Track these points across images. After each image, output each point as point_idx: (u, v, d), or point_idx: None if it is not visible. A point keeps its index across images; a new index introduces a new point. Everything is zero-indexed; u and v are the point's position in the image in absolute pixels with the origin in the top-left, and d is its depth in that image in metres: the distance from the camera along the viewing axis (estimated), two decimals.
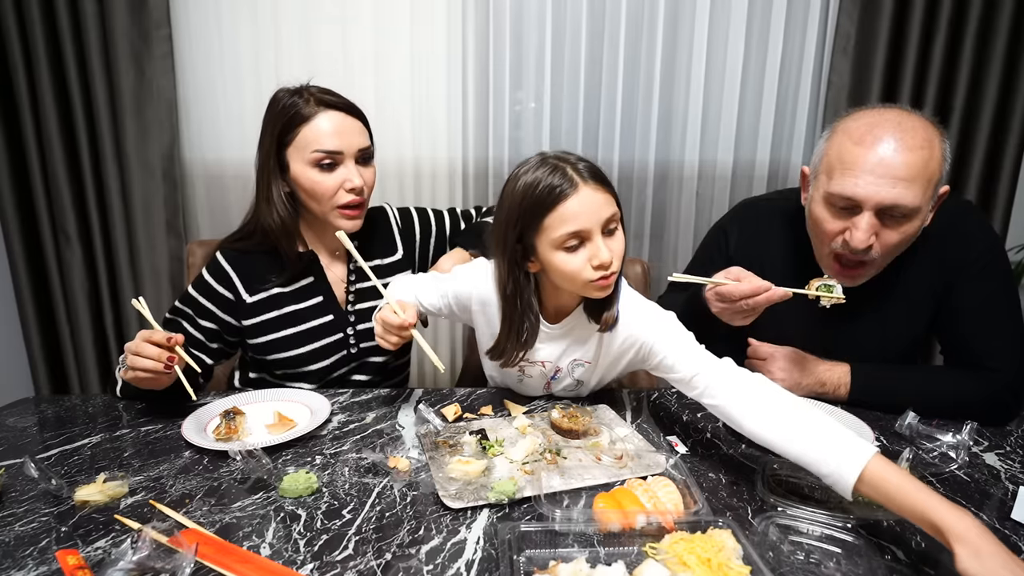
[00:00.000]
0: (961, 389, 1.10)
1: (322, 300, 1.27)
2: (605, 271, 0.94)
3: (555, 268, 0.96)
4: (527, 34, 2.04)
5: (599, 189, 0.94)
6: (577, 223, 0.92)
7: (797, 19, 2.03)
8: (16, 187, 2.03)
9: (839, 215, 1.03)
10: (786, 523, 0.75)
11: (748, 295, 1.01)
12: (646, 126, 2.11)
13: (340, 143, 1.16)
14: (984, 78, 1.93)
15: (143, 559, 0.65)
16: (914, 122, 0.99)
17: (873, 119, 1.00)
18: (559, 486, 0.84)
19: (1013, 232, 2.08)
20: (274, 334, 1.24)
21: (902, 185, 0.96)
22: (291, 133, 1.16)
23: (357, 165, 1.20)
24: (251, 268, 1.24)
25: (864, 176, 0.97)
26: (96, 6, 1.87)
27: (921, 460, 0.94)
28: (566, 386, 1.16)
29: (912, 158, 0.96)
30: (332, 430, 1.04)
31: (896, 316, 1.16)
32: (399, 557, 0.70)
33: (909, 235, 1.02)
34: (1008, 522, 0.78)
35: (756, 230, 1.28)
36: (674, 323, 1.02)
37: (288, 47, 2.00)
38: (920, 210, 0.99)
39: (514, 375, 1.16)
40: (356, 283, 1.31)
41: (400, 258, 1.37)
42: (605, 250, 0.93)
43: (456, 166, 2.11)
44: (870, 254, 1.02)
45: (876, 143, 0.97)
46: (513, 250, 0.98)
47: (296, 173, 1.17)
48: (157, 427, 1.04)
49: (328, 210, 1.20)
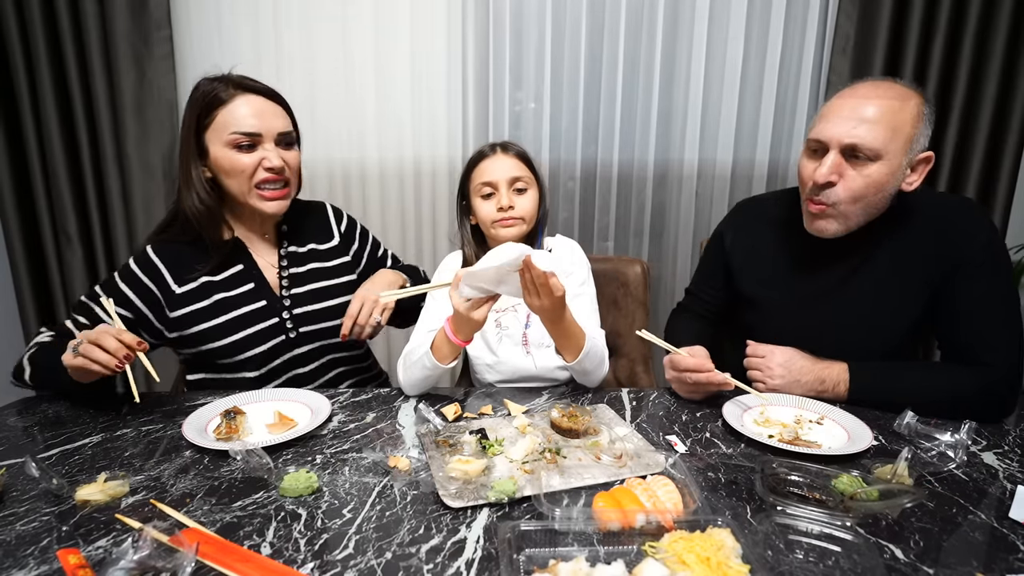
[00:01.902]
0: (957, 384, 1.10)
1: (253, 286, 1.27)
2: (505, 213, 1.26)
3: (477, 213, 1.32)
4: (527, 34, 2.05)
5: (509, 156, 1.30)
6: (488, 176, 1.28)
7: (796, 19, 2.03)
8: (17, 187, 2.03)
9: (813, 158, 1.13)
10: (785, 522, 0.75)
11: (692, 369, 1.12)
12: (646, 125, 2.11)
13: (258, 125, 1.18)
14: (983, 78, 1.93)
15: (144, 558, 0.65)
16: (892, 82, 1.09)
17: (860, 82, 1.12)
18: (559, 485, 0.84)
19: (1012, 231, 2.08)
20: (206, 323, 1.23)
21: (864, 127, 1.04)
22: (209, 116, 1.18)
23: (278, 148, 1.21)
24: (178, 258, 1.23)
25: (833, 119, 1.08)
26: (97, 7, 1.88)
27: (920, 459, 0.94)
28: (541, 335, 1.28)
29: (880, 104, 1.05)
30: (332, 430, 1.04)
31: (889, 303, 1.17)
32: (399, 556, 0.71)
33: (874, 180, 1.07)
34: (1006, 521, 0.78)
35: (750, 228, 1.34)
36: (588, 271, 1.37)
37: (288, 47, 2.00)
38: (883, 154, 1.05)
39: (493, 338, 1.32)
40: (289, 268, 1.32)
41: (337, 244, 1.40)
42: (506, 197, 1.26)
43: (456, 166, 2.12)
44: (831, 194, 1.09)
45: (852, 94, 1.09)
46: (460, 206, 1.38)
47: (215, 155, 1.19)
48: (158, 427, 1.04)
49: (247, 190, 1.20)
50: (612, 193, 2.18)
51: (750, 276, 1.31)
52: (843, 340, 1.19)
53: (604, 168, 2.15)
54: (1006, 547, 0.73)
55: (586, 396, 1.20)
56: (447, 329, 1.12)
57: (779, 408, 1.11)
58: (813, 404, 1.11)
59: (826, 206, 1.11)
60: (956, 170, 2.01)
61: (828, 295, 1.21)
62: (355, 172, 2.13)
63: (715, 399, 1.15)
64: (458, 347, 1.14)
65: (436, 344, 1.15)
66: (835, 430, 1.03)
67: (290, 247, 1.34)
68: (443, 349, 1.14)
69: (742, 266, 1.32)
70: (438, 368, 1.14)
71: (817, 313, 1.21)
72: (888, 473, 0.86)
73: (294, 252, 1.34)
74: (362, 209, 2.16)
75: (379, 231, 2.18)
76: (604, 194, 2.18)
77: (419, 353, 1.16)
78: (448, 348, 1.14)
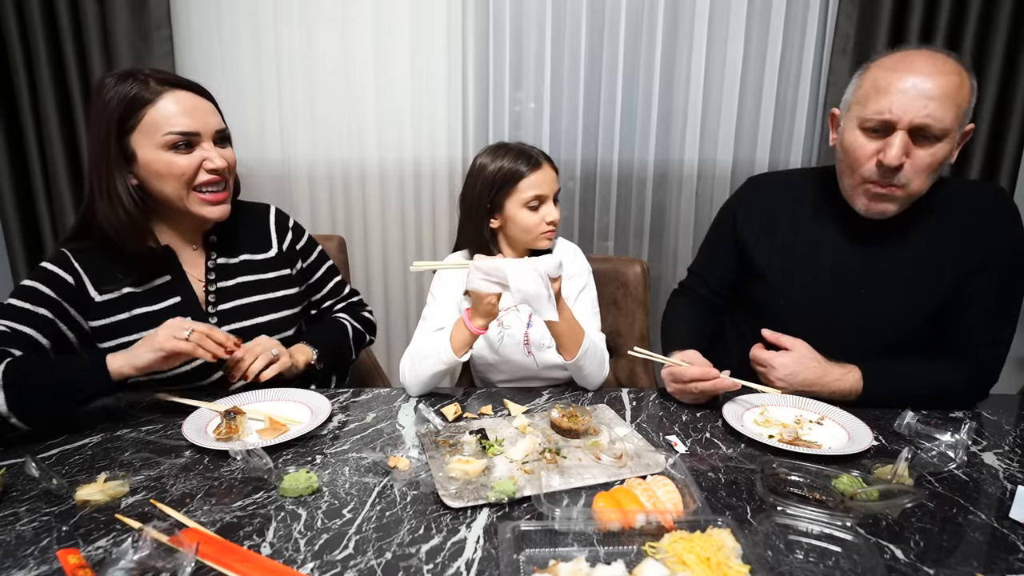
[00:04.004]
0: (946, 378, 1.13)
1: (180, 300, 1.18)
2: (551, 226, 1.31)
3: (518, 221, 1.30)
4: (527, 34, 2.05)
5: (550, 169, 1.31)
6: (540, 190, 1.28)
7: (796, 19, 2.03)
8: (17, 187, 2.03)
9: (873, 137, 1.07)
10: (785, 522, 0.75)
11: (697, 378, 1.09)
12: (646, 126, 2.11)
13: (195, 123, 1.09)
14: (983, 78, 1.93)
15: (144, 558, 0.65)
16: (944, 55, 1.06)
17: (905, 53, 1.08)
18: (559, 485, 0.84)
19: None
20: (125, 337, 1.13)
21: (933, 105, 1.01)
22: (133, 118, 1.07)
23: (216, 147, 1.13)
24: (98, 265, 1.14)
25: (898, 96, 1.03)
26: (97, 7, 1.88)
27: (920, 459, 0.94)
28: (542, 335, 1.29)
29: (943, 80, 1.02)
30: (332, 430, 1.04)
31: (917, 287, 1.16)
32: (399, 556, 0.71)
33: (939, 159, 1.05)
34: (1006, 521, 0.78)
35: (765, 202, 1.31)
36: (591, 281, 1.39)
37: (288, 47, 2.00)
38: (949, 133, 1.03)
39: (495, 337, 1.31)
40: (217, 281, 1.22)
41: (274, 255, 1.29)
42: (555, 211, 1.30)
43: (456, 166, 2.11)
44: (901, 177, 1.06)
45: (909, 68, 1.04)
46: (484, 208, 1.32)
47: (146, 159, 1.08)
48: (158, 427, 1.04)
49: (186, 194, 1.11)
50: (612, 193, 2.18)
51: (765, 248, 1.28)
52: (857, 322, 1.18)
53: (604, 168, 2.15)
54: (1006, 547, 0.73)
55: (586, 396, 1.21)
56: (465, 318, 1.14)
57: (779, 408, 1.11)
58: (813, 404, 1.11)
59: (896, 187, 1.08)
60: (956, 170, 2.01)
61: (853, 274, 1.19)
62: (355, 172, 2.13)
63: (715, 398, 1.15)
64: (473, 336, 1.15)
65: (452, 336, 1.16)
66: (835, 430, 1.03)
67: (219, 259, 1.23)
68: (459, 340, 1.15)
69: (757, 239, 1.29)
70: (453, 360, 1.15)
71: (835, 292, 1.20)
72: (888, 473, 0.86)
73: (224, 264, 1.23)
74: (362, 209, 2.16)
75: (379, 231, 2.18)
76: (604, 194, 2.18)
77: (431, 348, 1.17)
78: (464, 338, 1.15)
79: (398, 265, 2.23)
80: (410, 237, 2.20)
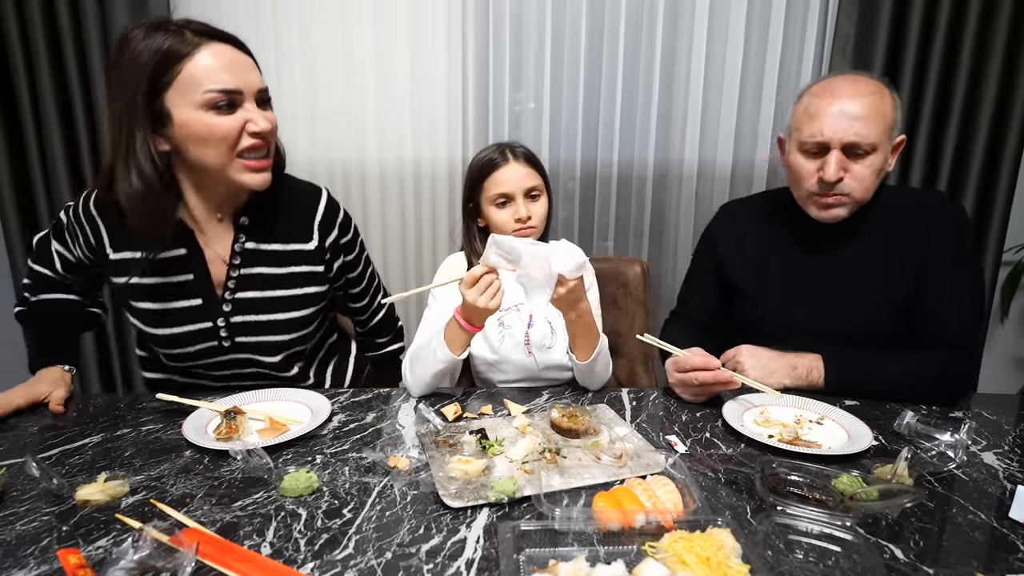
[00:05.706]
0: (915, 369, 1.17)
1: (192, 278, 1.10)
2: (523, 224, 1.27)
3: (490, 220, 1.30)
4: (527, 34, 2.05)
5: (521, 164, 1.27)
6: (504, 188, 1.26)
7: (796, 19, 2.03)
8: (16, 187, 2.03)
9: (812, 157, 1.19)
10: (785, 522, 0.75)
11: (699, 368, 1.12)
12: (645, 126, 2.11)
13: (237, 80, 0.99)
14: (983, 78, 1.93)
15: (144, 558, 0.65)
16: (864, 76, 1.19)
17: (830, 80, 1.21)
18: (559, 485, 0.84)
19: (1012, 232, 2.08)
20: (133, 302, 1.09)
21: (859, 124, 1.13)
22: (168, 74, 0.95)
23: (259, 108, 1.03)
24: (120, 222, 1.07)
25: (828, 120, 1.15)
26: (96, 6, 1.88)
27: (920, 459, 0.94)
28: (543, 336, 1.30)
29: (866, 101, 1.14)
30: (332, 430, 1.04)
31: (878, 284, 1.24)
32: (399, 556, 0.71)
33: (875, 168, 1.16)
34: (1006, 521, 0.78)
35: (736, 222, 1.42)
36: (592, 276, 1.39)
37: (288, 47, 2.00)
38: (878, 145, 1.15)
39: (495, 337, 1.31)
40: (241, 267, 1.13)
41: (312, 249, 1.18)
42: (524, 208, 1.26)
43: (456, 166, 2.12)
44: (843, 187, 1.17)
45: (834, 93, 1.16)
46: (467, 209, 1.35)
47: (183, 120, 0.97)
48: (158, 427, 1.04)
49: (229, 161, 1.01)
50: (612, 193, 2.18)
51: (738, 264, 1.37)
52: (831, 322, 1.24)
53: (604, 168, 2.16)
54: (1006, 547, 0.73)
55: (586, 396, 1.21)
56: (458, 317, 1.13)
57: (779, 408, 1.11)
58: (813, 404, 1.11)
59: (841, 195, 1.18)
60: (956, 170, 2.01)
61: (820, 277, 1.28)
62: (355, 172, 2.13)
63: (715, 398, 1.15)
64: (470, 335, 1.15)
65: (447, 335, 1.16)
66: (835, 430, 1.03)
67: (247, 243, 1.14)
68: (455, 339, 1.15)
69: (731, 256, 1.38)
70: (450, 359, 1.15)
71: (806, 295, 1.28)
72: (888, 473, 0.86)
73: (252, 250, 1.14)
74: (362, 209, 2.16)
75: (379, 231, 2.18)
76: (604, 194, 2.18)
77: (429, 348, 1.17)
78: (460, 337, 1.15)
79: (398, 265, 2.23)
80: (410, 237, 2.20)
